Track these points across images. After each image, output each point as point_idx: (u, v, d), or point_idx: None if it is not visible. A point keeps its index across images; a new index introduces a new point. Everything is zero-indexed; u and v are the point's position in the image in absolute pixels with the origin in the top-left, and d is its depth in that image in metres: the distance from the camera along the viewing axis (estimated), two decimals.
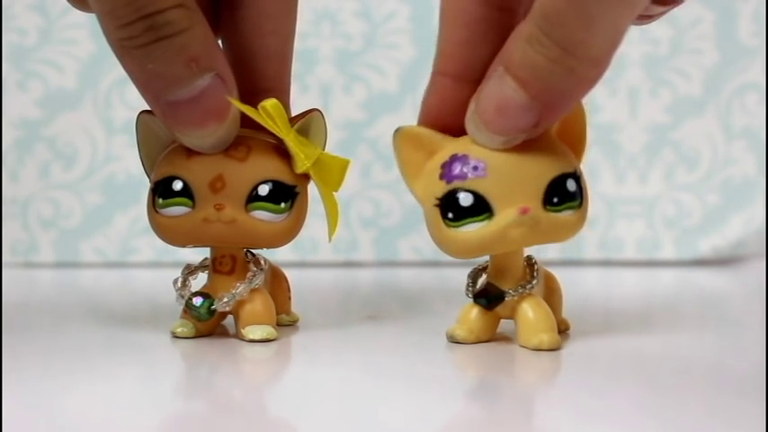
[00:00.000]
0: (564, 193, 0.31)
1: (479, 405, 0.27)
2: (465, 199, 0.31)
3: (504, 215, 0.31)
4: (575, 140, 0.32)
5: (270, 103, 0.31)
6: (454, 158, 0.31)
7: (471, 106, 0.31)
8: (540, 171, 0.31)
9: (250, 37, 0.32)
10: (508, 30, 0.31)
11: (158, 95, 0.31)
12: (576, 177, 0.31)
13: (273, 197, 0.32)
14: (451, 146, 0.32)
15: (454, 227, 0.31)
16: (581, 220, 0.32)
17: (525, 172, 0.31)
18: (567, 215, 0.31)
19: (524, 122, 0.30)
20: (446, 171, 0.31)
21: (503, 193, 0.31)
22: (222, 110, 0.31)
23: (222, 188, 0.32)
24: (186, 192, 0.32)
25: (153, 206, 0.33)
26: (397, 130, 0.32)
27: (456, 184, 0.31)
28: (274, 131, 0.32)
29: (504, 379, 0.30)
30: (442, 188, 0.31)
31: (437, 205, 0.31)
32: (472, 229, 0.31)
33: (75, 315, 0.40)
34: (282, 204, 0.32)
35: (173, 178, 0.32)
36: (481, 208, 0.31)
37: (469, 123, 0.31)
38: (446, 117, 0.32)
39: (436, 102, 0.32)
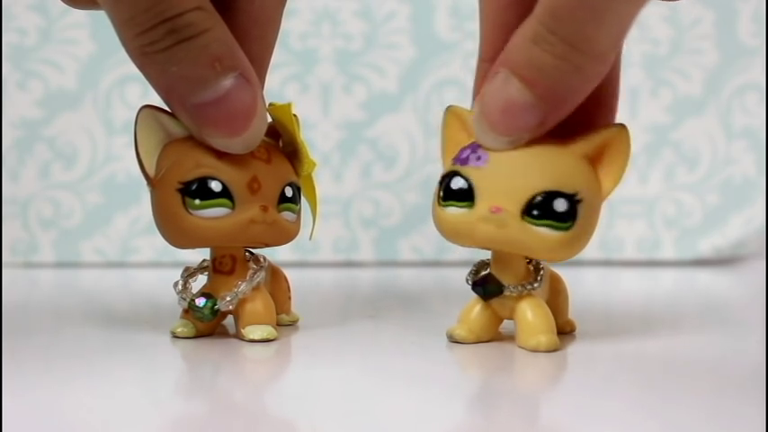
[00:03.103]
0: (546, 210, 0.30)
1: (480, 405, 0.27)
2: (456, 183, 0.31)
3: (479, 208, 0.31)
4: (610, 168, 0.32)
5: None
6: (470, 145, 0.32)
7: (475, 108, 0.31)
8: (533, 179, 0.30)
9: (238, 41, 0.32)
10: None
11: (184, 99, 0.30)
12: (573, 201, 0.31)
13: (294, 198, 0.33)
14: None
15: (442, 205, 0.32)
16: (566, 246, 0.31)
17: (518, 175, 0.31)
18: (544, 231, 0.30)
19: (529, 122, 0.30)
20: (458, 154, 0.32)
21: (488, 189, 0.31)
22: (249, 109, 0.31)
23: (258, 189, 0.32)
24: (226, 193, 0.32)
25: (184, 207, 0.32)
26: (449, 107, 0.33)
27: (458, 167, 0.32)
28: (296, 135, 0.33)
29: (504, 379, 0.30)
30: (447, 168, 0.32)
31: (440, 182, 0.32)
32: (453, 212, 0.31)
33: (75, 315, 0.40)
34: (298, 205, 0.34)
35: (210, 179, 0.32)
36: (465, 195, 0.31)
37: (475, 125, 0.31)
38: None
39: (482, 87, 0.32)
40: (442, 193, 0.32)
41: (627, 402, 0.27)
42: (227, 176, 0.32)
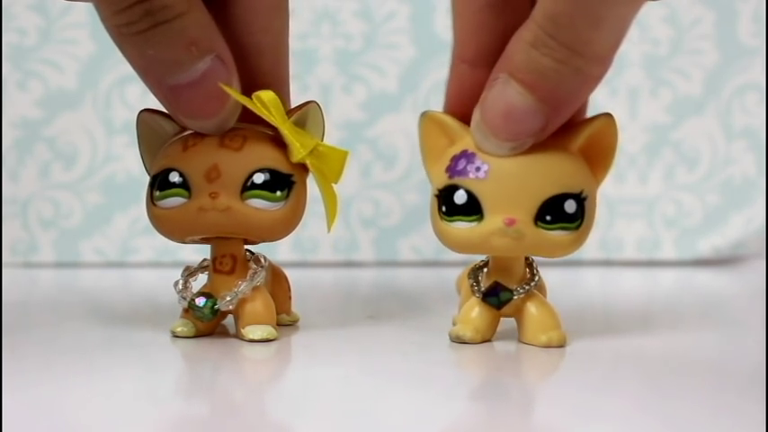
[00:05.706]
0: (559, 213, 0.31)
1: (480, 405, 0.27)
2: (460, 197, 0.31)
3: (491, 221, 0.31)
4: (600, 157, 0.32)
5: (265, 94, 0.32)
6: (463, 154, 0.31)
7: (476, 115, 0.31)
8: (541, 185, 0.31)
9: (240, 34, 0.32)
10: (518, 12, 0.31)
11: (160, 80, 0.31)
12: (580, 199, 0.31)
13: (269, 185, 0.32)
14: (466, 140, 0.32)
15: (446, 221, 0.31)
16: (576, 242, 0.32)
17: (525, 183, 0.31)
18: (558, 234, 0.31)
19: (532, 126, 0.30)
20: (452, 165, 0.32)
21: (496, 200, 0.31)
22: (224, 91, 0.31)
23: (217, 177, 0.32)
24: (183, 183, 0.32)
25: (151, 199, 0.33)
26: (424, 114, 0.33)
27: (456, 180, 0.31)
28: (269, 120, 0.32)
29: (504, 378, 0.30)
30: (443, 181, 0.32)
31: (437, 196, 0.32)
32: (461, 227, 0.31)
33: (75, 315, 0.40)
34: (278, 192, 0.32)
35: (170, 170, 0.32)
36: (472, 209, 0.31)
37: (476, 132, 0.31)
38: (467, 102, 0.32)
39: (456, 88, 0.33)
40: (444, 209, 0.31)
41: (627, 402, 0.27)
42: (185, 167, 0.32)
